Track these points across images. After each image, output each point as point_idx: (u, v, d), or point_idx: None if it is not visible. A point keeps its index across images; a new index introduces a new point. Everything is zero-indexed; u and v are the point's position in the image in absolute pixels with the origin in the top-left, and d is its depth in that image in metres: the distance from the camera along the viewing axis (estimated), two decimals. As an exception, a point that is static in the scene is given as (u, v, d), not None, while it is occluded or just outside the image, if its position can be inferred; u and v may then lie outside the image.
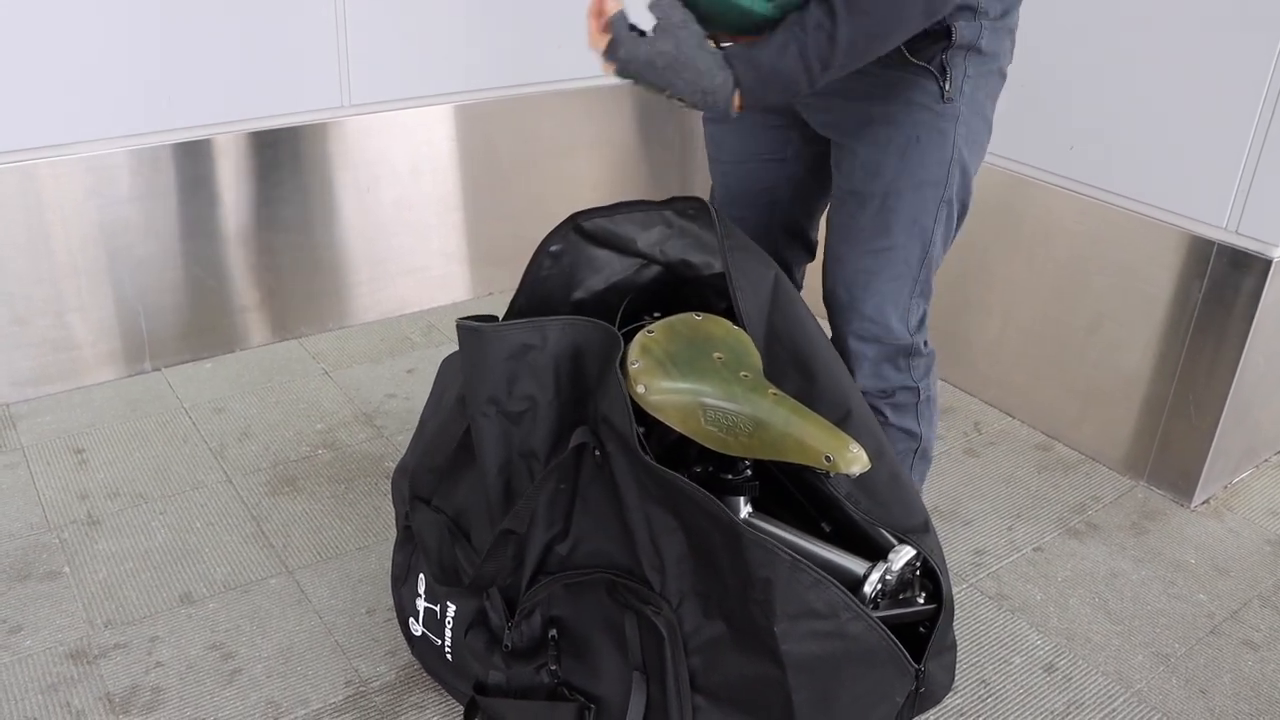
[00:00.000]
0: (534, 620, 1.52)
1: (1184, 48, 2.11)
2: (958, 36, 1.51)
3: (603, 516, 1.44)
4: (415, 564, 1.69)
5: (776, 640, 1.32)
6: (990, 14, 1.52)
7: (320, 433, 2.42)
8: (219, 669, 1.77)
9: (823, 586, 1.33)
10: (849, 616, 1.35)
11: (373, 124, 2.73)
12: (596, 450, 1.40)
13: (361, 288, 2.88)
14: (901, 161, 1.57)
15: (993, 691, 1.81)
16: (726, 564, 1.34)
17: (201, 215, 2.56)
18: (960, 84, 1.54)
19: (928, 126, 1.55)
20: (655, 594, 1.39)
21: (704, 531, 1.35)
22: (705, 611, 1.39)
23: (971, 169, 1.62)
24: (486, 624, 1.58)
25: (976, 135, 1.60)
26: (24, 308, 2.40)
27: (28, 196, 2.33)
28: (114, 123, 2.39)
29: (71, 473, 2.23)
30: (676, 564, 1.38)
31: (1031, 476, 2.40)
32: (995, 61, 1.58)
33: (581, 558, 1.47)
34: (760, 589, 1.31)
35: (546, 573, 1.49)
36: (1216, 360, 2.19)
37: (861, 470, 1.32)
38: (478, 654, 1.59)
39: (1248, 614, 2.02)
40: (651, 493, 1.37)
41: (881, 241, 1.61)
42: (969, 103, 1.56)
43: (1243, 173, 2.08)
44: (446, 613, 1.63)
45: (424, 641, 1.70)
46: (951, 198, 1.61)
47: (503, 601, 1.54)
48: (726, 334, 1.49)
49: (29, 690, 1.71)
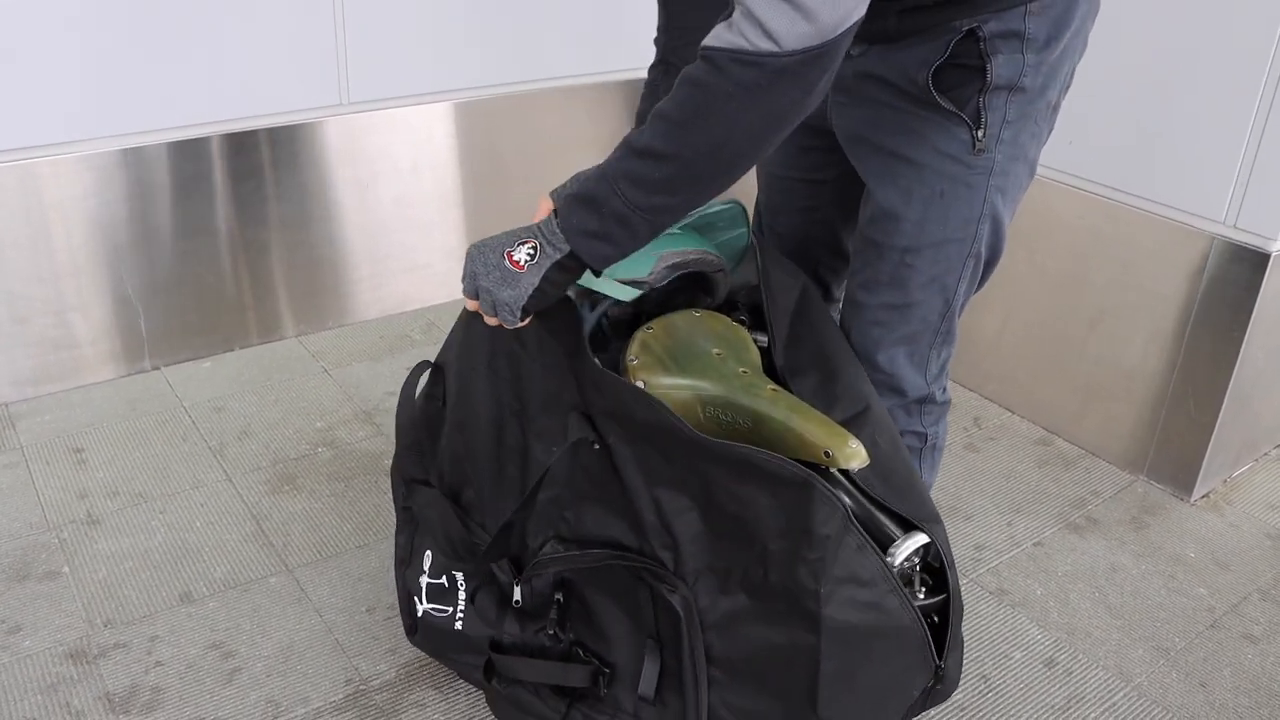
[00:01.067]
0: (546, 579, 1.51)
1: (1182, 42, 2.11)
2: (994, 76, 1.33)
3: (606, 502, 1.43)
4: (419, 543, 1.68)
5: (819, 603, 1.30)
6: (1038, 41, 1.32)
7: (320, 431, 2.42)
8: (219, 668, 1.77)
9: (865, 552, 1.30)
10: (887, 589, 1.32)
11: (373, 121, 2.73)
12: (595, 444, 1.39)
13: (361, 285, 2.88)
14: (923, 217, 1.42)
15: (993, 686, 1.81)
16: (775, 528, 1.31)
17: (201, 214, 2.56)
18: (998, 132, 1.37)
19: (954, 180, 1.39)
20: (669, 573, 1.38)
21: (741, 501, 1.32)
22: (722, 587, 1.37)
23: (1006, 217, 1.47)
24: (496, 584, 1.57)
25: (1016, 181, 1.44)
26: (23, 307, 2.40)
27: (28, 195, 2.33)
28: (113, 121, 2.39)
29: (71, 472, 2.24)
30: (691, 543, 1.36)
31: (1031, 471, 2.40)
32: (1043, 97, 1.39)
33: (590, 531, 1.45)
34: (818, 547, 1.28)
35: (559, 538, 1.47)
36: (1216, 354, 2.19)
37: (860, 465, 1.32)
38: (488, 615, 1.58)
39: (1248, 608, 2.01)
40: (662, 475, 1.35)
41: (898, 297, 1.49)
42: (1008, 150, 1.39)
43: (1241, 167, 2.08)
44: (456, 580, 1.62)
45: (429, 620, 1.68)
46: (980, 251, 1.47)
47: (510, 562, 1.53)
48: (725, 330, 1.49)
49: (28, 690, 1.71)
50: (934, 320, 1.52)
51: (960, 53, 1.32)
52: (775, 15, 1.05)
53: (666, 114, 1.16)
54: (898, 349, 1.54)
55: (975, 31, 1.30)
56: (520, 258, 1.30)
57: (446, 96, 2.81)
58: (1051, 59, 1.35)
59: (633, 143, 1.19)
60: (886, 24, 1.33)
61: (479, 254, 1.33)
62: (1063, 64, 1.39)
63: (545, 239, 1.28)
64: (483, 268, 1.32)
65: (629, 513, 1.40)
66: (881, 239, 1.46)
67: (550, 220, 1.29)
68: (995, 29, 1.30)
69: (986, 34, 1.30)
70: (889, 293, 1.49)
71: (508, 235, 1.33)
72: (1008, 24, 1.30)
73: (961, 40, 1.31)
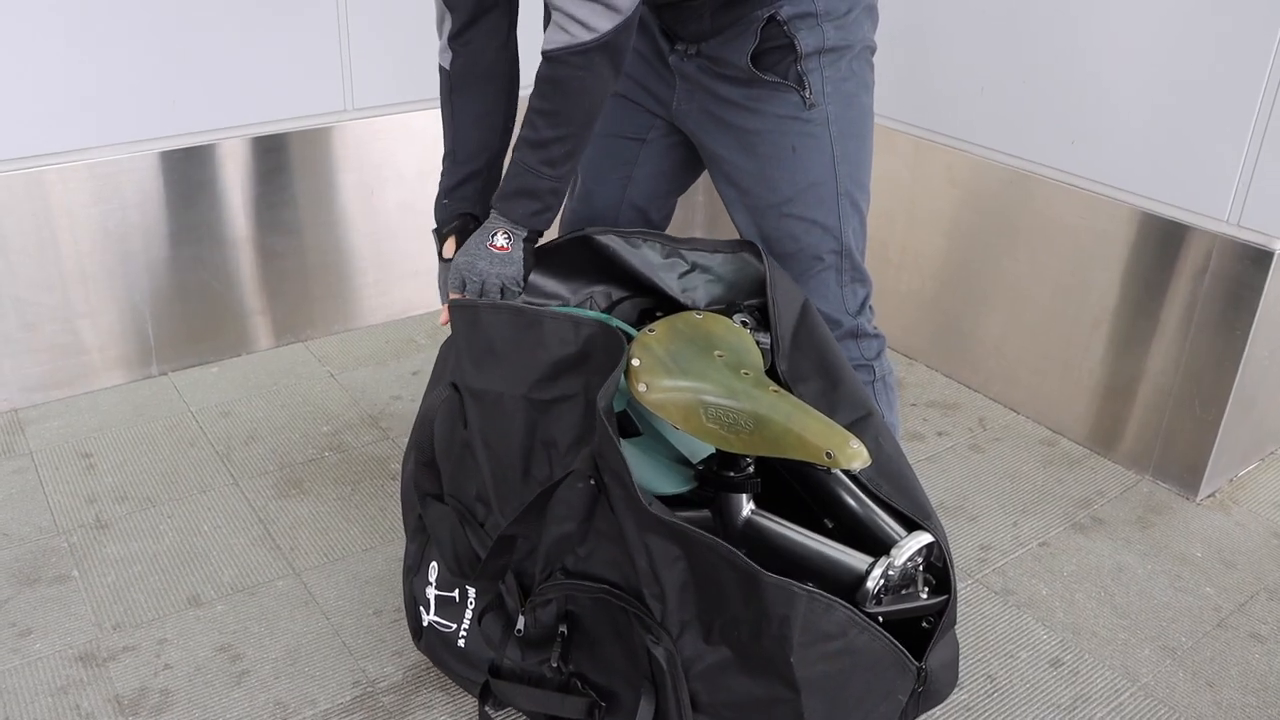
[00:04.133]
0: (550, 610, 1.52)
1: (1184, 41, 2.11)
2: (802, 46, 1.57)
3: (609, 537, 1.44)
4: (428, 554, 1.69)
5: (793, 670, 1.34)
6: (834, 14, 1.57)
7: (326, 435, 2.43)
8: (227, 670, 1.78)
9: (833, 610, 1.34)
10: (855, 631, 1.36)
11: (377, 127, 2.74)
12: (593, 480, 1.41)
13: (367, 290, 2.89)
14: (787, 171, 1.64)
15: (999, 686, 1.81)
16: (739, 600, 1.34)
17: (207, 220, 2.58)
18: (822, 88, 1.60)
19: (800, 134, 1.62)
20: (655, 623, 1.40)
21: (713, 565, 1.35)
22: (707, 638, 1.39)
23: (858, 156, 1.67)
24: (504, 608, 1.59)
25: (856, 123, 1.65)
26: (32, 313, 2.42)
27: (35, 202, 2.35)
28: (120, 128, 2.40)
29: (80, 477, 2.25)
30: (678, 593, 1.39)
31: (1037, 471, 2.40)
32: (854, 49, 1.62)
33: (595, 567, 1.47)
34: (778, 625, 1.32)
35: (564, 570, 1.49)
36: (1221, 354, 2.19)
37: (862, 465, 1.32)
38: (492, 638, 1.59)
39: (1254, 607, 2.01)
40: (651, 524, 1.37)
41: (789, 245, 1.68)
42: (837, 100, 1.62)
43: (1244, 166, 2.08)
44: (467, 596, 1.63)
45: (434, 631, 1.69)
46: (849, 190, 1.67)
47: (519, 588, 1.54)
48: (727, 332, 1.50)
49: (39, 693, 1.72)
50: (830, 259, 1.70)
51: (769, 36, 1.57)
52: (589, 14, 1.41)
53: (544, 109, 1.49)
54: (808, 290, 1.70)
55: (775, 17, 1.55)
56: (501, 242, 1.57)
57: (451, 101, 2.82)
58: (851, 18, 1.60)
59: (530, 139, 1.51)
60: (703, 25, 1.60)
61: (465, 256, 1.59)
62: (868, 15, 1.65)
63: (507, 227, 1.57)
64: (478, 260, 1.57)
65: (625, 554, 1.41)
66: (757, 202, 1.68)
67: (495, 220, 1.58)
68: (790, 13, 1.55)
69: (784, 17, 1.56)
70: (780, 243, 1.68)
71: (474, 239, 1.60)
72: (800, 7, 1.56)
73: (766, 26, 1.56)
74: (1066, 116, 2.35)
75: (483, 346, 1.53)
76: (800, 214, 1.66)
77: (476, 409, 1.55)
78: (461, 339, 1.56)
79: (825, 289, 1.72)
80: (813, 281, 1.70)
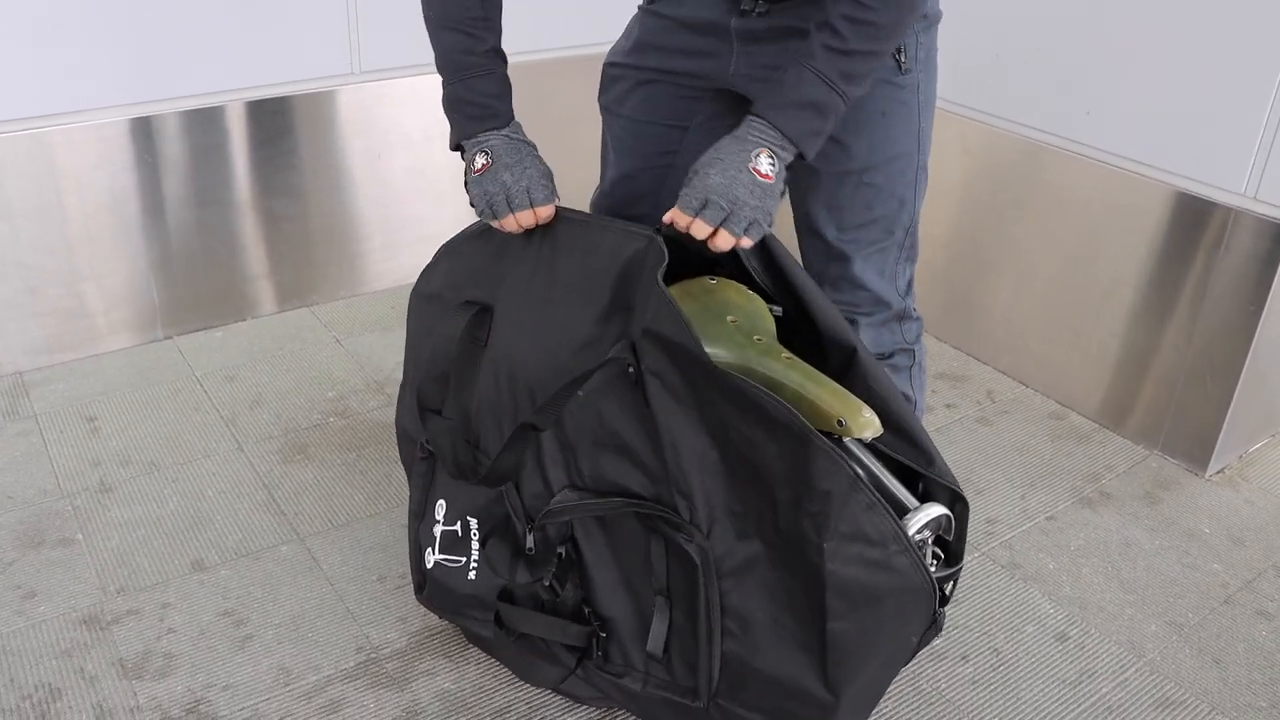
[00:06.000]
0: (558, 530, 1.51)
1: (1201, 11, 2.08)
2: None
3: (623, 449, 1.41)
4: (432, 495, 1.67)
5: (824, 557, 1.30)
6: None
7: (331, 400, 2.42)
8: (231, 635, 1.78)
9: (876, 511, 1.31)
10: (896, 549, 1.33)
11: (385, 91, 2.72)
12: (630, 368, 1.36)
13: (373, 255, 2.87)
14: (870, 139, 1.56)
15: (1005, 660, 1.80)
16: (780, 475, 1.30)
17: (213, 183, 2.56)
18: (915, 53, 1.55)
19: (891, 100, 1.55)
20: (686, 521, 1.37)
21: (753, 444, 1.31)
22: (739, 533, 1.36)
23: (931, 130, 1.64)
24: (510, 531, 1.57)
25: (932, 96, 1.62)
26: (37, 276, 2.40)
27: (39, 165, 2.33)
28: (125, 91, 2.38)
29: (84, 440, 2.24)
30: (710, 485, 1.35)
31: (1045, 445, 2.38)
32: (937, 21, 1.59)
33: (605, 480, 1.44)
34: (818, 501, 1.28)
35: (572, 486, 1.47)
36: (1233, 328, 2.17)
37: (874, 435, 1.31)
38: (500, 562, 1.57)
39: (1262, 584, 2.00)
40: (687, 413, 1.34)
41: (862, 216, 1.62)
42: (926, 69, 1.58)
43: (1262, 137, 2.05)
44: (470, 526, 1.62)
45: (439, 572, 1.67)
46: (926, 163, 1.63)
47: (524, 507, 1.52)
48: (740, 298, 1.48)
49: (43, 656, 1.72)
50: (899, 235, 1.65)
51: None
52: None
53: (860, 17, 1.33)
54: (871, 266, 1.65)
55: None
56: (765, 167, 1.36)
57: (459, 66, 2.79)
58: None
59: (833, 46, 1.34)
60: None
61: (718, 176, 1.36)
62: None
63: (775, 146, 1.37)
64: (735, 185, 1.36)
65: (647, 457, 1.39)
66: (834, 168, 1.57)
67: (758, 133, 1.37)
68: None
69: None
70: (852, 215, 1.61)
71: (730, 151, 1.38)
72: None
73: None
74: (1081, 86, 2.32)
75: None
76: (880, 183, 1.59)
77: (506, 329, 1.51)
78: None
79: (884, 264, 1.67)
80: (875, 257, 1.65)
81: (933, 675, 1.76)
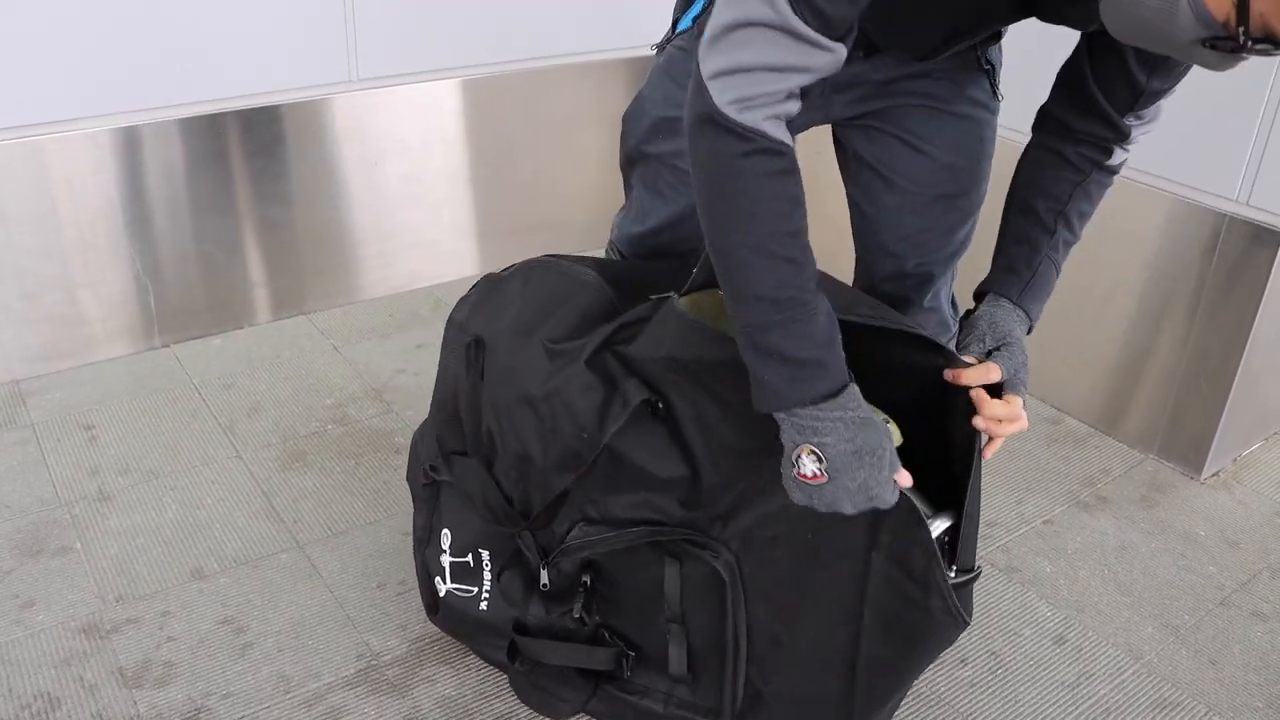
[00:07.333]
0: (574, 560, 1.50)
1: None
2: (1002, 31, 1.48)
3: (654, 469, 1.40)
4: (436, 523, 1.67)
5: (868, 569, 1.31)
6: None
7: (330, 408, 2.42)
8: (230, 643, 1.78)
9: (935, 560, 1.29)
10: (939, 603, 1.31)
11: (381, 99, 2.72)
12: (659, 404, 1.36)
13: (370, 263, 2.88)
14: (970, 163, 1.54)
15: (1003, 663, 1.81)
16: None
17: (209, 191, 2.56)
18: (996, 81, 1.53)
19: (987, 126, 1.54)
20: (712, 539, 1.37)
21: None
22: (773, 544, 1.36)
23: None
24: (523, 564, 1.57)
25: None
26: (33, 284, 2.40)
27: (35, 172, 2.33)
28: (121, 98, 2.38)
29: (82, 449, 2.24)
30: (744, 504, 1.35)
31: (1041, 449, 2.39)
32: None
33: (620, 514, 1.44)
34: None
35: (587, 520, 1.47)
36: (1227, 333, 2.18)
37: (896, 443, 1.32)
38: (514, 595, 1.58)
39: (1257, 585, 2.01)
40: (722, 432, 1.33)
41: (940, 241, 1.60)
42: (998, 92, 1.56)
43: (1254, 145, 2.06)
44: (481, 558, 1.62)
45: (451, 599, 1.68)
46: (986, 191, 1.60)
47: (536, 544, 1.52)
48: None
49: (42, 665, 1.72)
50: (959, 260, 1.65)
51: None
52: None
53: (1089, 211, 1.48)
54: (942, 290, 1.65)
55: None
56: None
57: (454, 74, 2.80)
58: None
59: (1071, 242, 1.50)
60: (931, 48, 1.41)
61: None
62: None
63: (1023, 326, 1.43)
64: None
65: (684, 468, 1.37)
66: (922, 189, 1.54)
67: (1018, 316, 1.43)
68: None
69: None
70: (941, 239, 1.58)
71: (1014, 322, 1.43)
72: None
73: None
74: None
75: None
76: (968, 210, 1.58)
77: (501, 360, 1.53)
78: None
79: (947, 287, 1.68)
80: (939, 281, 1.64)
81: (931, 678, 1.77)
